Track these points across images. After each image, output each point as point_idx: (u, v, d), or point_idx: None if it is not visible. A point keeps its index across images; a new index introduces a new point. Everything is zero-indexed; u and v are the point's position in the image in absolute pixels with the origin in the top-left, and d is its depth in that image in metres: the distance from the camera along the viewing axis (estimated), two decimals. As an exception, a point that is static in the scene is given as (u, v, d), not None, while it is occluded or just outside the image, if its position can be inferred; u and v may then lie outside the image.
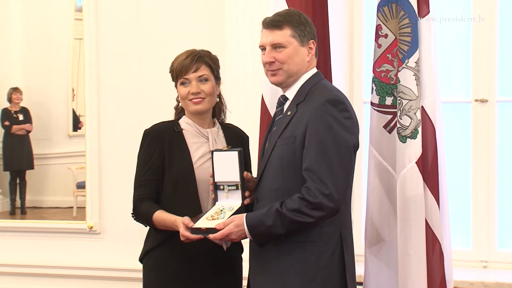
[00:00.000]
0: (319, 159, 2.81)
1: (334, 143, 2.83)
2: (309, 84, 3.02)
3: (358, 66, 4.56)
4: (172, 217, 3.14)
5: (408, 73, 3.41)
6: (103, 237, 5.11)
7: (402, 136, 3.42)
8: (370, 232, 3.61)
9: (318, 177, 2.80)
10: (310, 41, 3.04)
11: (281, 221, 2.84)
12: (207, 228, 2.97)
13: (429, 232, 3.42)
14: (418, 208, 3.39)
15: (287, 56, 3.00)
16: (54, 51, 5.36)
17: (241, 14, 4.44)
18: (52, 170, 5.39)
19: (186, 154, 3.26)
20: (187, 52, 3.30)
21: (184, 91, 3.27)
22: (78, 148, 5.20)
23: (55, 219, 5.25)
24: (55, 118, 5.41)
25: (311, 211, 2.81)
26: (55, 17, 5.34)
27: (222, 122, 3.44)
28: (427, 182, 3.43)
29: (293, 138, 2.91)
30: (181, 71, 3.26)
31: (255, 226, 2.88)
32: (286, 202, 2.85)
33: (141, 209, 3.24)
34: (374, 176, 3.59)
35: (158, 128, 3.32)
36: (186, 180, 3.22)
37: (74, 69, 5.27)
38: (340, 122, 2.86)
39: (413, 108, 3.41)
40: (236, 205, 3.09)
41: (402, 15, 3.44)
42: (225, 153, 3.15)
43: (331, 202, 2.80)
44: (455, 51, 4.46)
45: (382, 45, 3.55)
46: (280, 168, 2.94)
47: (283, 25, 3.01)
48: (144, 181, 3.26)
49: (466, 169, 4.42)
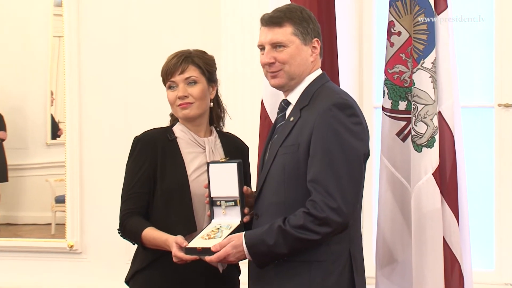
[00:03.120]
0: (325, 170, 2.82)
1: (341, 152, 2.84)
2: (313, 86, 3.02)
3: (368, 67, 4.59)
4: (164, 235, 3.13)
5: (423, 75, 3.43)
6: (84, 257, 5.12)
7: (417, 145, 3.43)
8: (382, 251, 3.62)
9: (325, 189, 2.80)
10: (314, 39, 3.03)
11: (284, 240, 2.83)
12: (203, 248, 2.96)
13: (447, 251, 3.43)
14: (435, 225, 3.40)
15: (288, 56, 3.00)
16: (30, 50, 5.38)
17: (237, 10, 4.46)
18: (28, 182, 5.41)
19: (180, 165, 3.25)
20: (176, 52, 3.31)
21: (172, 95, 3.27)
22: (57, 158, 5.21)
23: (31, 237, 5.26)
24: (31, 124, 5.42)
25: (318, 227, 2.81)
26: (32, 13, 5.36)
27: (220, 130, 3.45)
28: (445, 196, 3.44)
29: (296, 146, 2.91)
30: (167, 74, 3.27)
31: (255, 246, 2.88)
32: (290, 218, 2.84)
33: (129, 225, 3.24)
34: (386, 189, 3.60)
35: (149, 135, 3.31)
36: (180, 194, 3.21)
37: (53, 71, 5.29)
38: (348, 128, 2.86)
39: (429, 114, 3.42)
40: (234, 223, 3.08)
41: (417, 10, 3.46)
42: (222, 165, 3.14)
43: (339, 216, 2.80)
44: (476, 51, 4.48)
45: (394, 43, 3.57)
46: (282, 180, 2.94)
47: (283, 22, 3.01)
48: (133, 194, 3.25)
49: (489, 181, 4.43)
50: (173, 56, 3.28)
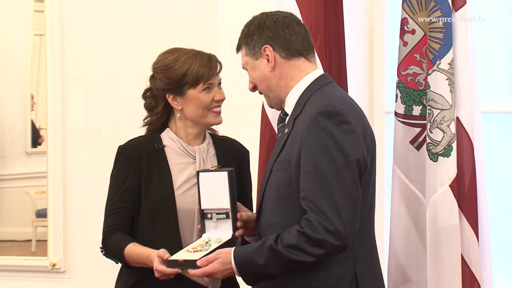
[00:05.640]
0: (316, 188, 2.80)
1: (331, 166, 2.80)
2: (307, 93, 2.99)
3: (379, 69, 4.59)
4: (147, 250, 3.14)
5: (440, 77, 3.44)
6: (68, 276, 5.12)
7: (433, 154, 3.44)
8: (395, 270, 3.62)
9: (319, 209, 2.78)
10: (262, 48, 3.02)
11: (275, 260, 2.83)
12: (185, 261, 2.96)
13: (466, 270, 3.44)
14: (453, 242, 3.40)
15: (251, 77, 3.08)
16: (8, 50, 5.38)
17: (235, 6, 4.47)
18: (6, 194, 5.40)
19: (166, 178, 3.27)
20: (195, 51, 3.32)
21: (208, 97, 3.29)
22: (38, 168, 5.21)
23: (9, 255, 5.26)
24: (9, 131, 5.42)
25: (312, 248, 2.79)
26: (10, 9, 5.37)
27: (215, 134, 3.46)
28: (464, 209, 3.45)
29: (287, 162, 2.90)
30: (208, 75, 3.28)
31: (244, 265, 2.88)
32: (283, 236, 2.83)
33: (112, 242, 3.25)
34: (399, 202, 3.60)
35: (134, 144, 3.33)
36: (166, 209, 3.23)
37: (33, 72, 5.29)
38: (336, 138, 2.81)
39: (446, 120, 3.43)
40: (225, 238, 3.08)
41: (432, 6, 3.48)
42: (212, 174, 3.13)
43: (336, 240, 2.78)
44: (497, 51, 4.49)
45: (408, 42, 3.58)
46: (277, 199, 2.94)
47: (240, 45, 3.10)
48: (116, 209, 3.27)
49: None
50: (199, 54, 3.31)
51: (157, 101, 3.35)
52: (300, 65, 3.01)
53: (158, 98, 3.34)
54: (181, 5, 4.84)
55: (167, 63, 3.30)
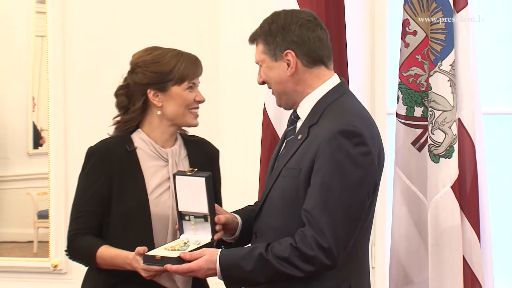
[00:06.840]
0: (320, 204, 2.79)
1: (341, 187, 2.80)
2: (325, 101, 2.96)
3: (380, 70, 4.60)
4: (123, 252, 3.08)
5: (441, 78, 3.44)
6: (70, 277, 5.12)
7: (435, 155, 3.45)
8: (396, 272, 3.63)
9: (317, 225, 2.78)
10: (284, 52, 2.96)
11: (262, 269, 2.82)
12: (162, 257, 2.93)
13: (467, 271, 3.44)
14: (454, 243, 3.41)
15: (264, 75, 3.01)
16: (10, 51, 5.38)
17: (237, 5, 4.48)
18: (7, 196, 5.41)
19: (139, 182, 3.21)
20: (179, 50, 3.28)
21: (191, 97, 3.24)
22: (39, 169, 5.22)
23: (11, 256, 5.26)
24: (11, 132, 5.43)
25: (302, 263, 2.79)
26: (12, 10, 5.37)
27: (185, 134, 3.40)
28: (465, 210, 3.46)
29: (298, 170, 2.89)
30: (194, 74, 3.25)
31: (229, 269, 2.86)
32: (274, 246, 2.82)
33: (81, 244, 3.19)
34: (401, 204, 3.61)
35: (106, 146, 3.28)
36: (139, 215, 3.17)
37: (35, 73, 5.30)
38: (352, 159, 2.81)
39: (447, 121, 3.44)
40: (204, 240, 3.06)
41: (434, 7, 3.48)
42: (189, 179, 3.09)
43: (327, 258, 2.78)
44: (499, 52, 4.49)
45: (410, 44, 3.59)
46: (281, 204, 2.93)
47: (257, 39, 3.02)
48: (83, 212, 3.22)
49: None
50: (185, 53, 3.27)
51: (132, 99, 3.29)
52: (319, 73, 2.97)
53: (136, 95, 3.28)
54: (183, 6, 4.85)
55: (153, 57, 3.24)
